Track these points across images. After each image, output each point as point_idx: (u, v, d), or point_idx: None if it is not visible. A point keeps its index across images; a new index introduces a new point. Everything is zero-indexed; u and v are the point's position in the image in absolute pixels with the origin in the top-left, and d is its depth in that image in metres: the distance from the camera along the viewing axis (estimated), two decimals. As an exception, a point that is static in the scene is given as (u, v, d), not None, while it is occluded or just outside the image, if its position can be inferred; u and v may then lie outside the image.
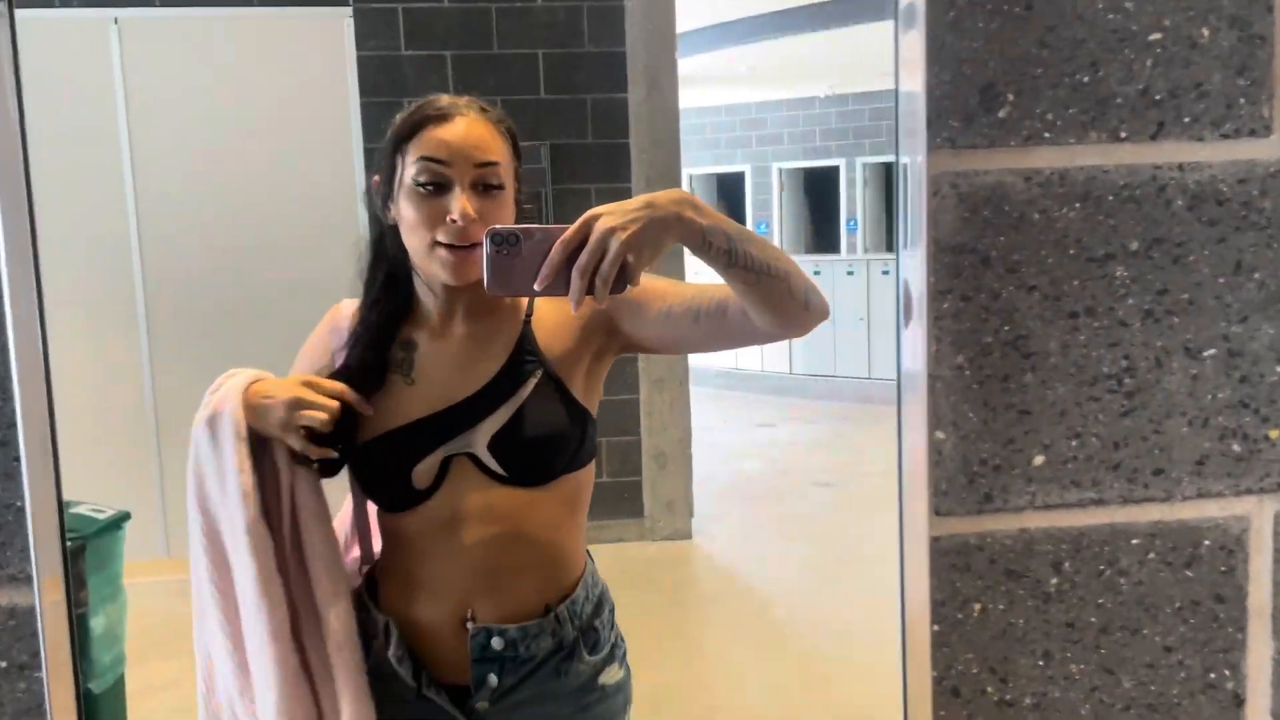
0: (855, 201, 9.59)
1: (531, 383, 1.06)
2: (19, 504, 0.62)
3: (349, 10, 4.24)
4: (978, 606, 0.70)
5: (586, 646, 1.11)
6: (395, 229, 1.06)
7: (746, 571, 4.65)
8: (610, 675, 1.13)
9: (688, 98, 5.44)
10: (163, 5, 4.05)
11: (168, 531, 3.77)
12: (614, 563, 4.33)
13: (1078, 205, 0.67)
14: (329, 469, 1.08)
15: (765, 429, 7.54)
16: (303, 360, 1.15)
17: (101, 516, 2.29)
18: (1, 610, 0.63)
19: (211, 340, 3.79)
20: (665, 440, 5.26)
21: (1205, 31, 0.67)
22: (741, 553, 4.88)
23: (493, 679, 1.07)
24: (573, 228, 0.85)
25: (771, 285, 0.93)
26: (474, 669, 1.07)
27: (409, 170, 1.02)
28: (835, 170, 9.69)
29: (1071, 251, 0.67)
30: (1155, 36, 0.66)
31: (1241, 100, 0.67)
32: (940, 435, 0.68)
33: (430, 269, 1.04)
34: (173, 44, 4.00)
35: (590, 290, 0.85)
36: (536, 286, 0.87)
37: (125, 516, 2.35)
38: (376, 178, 1.08)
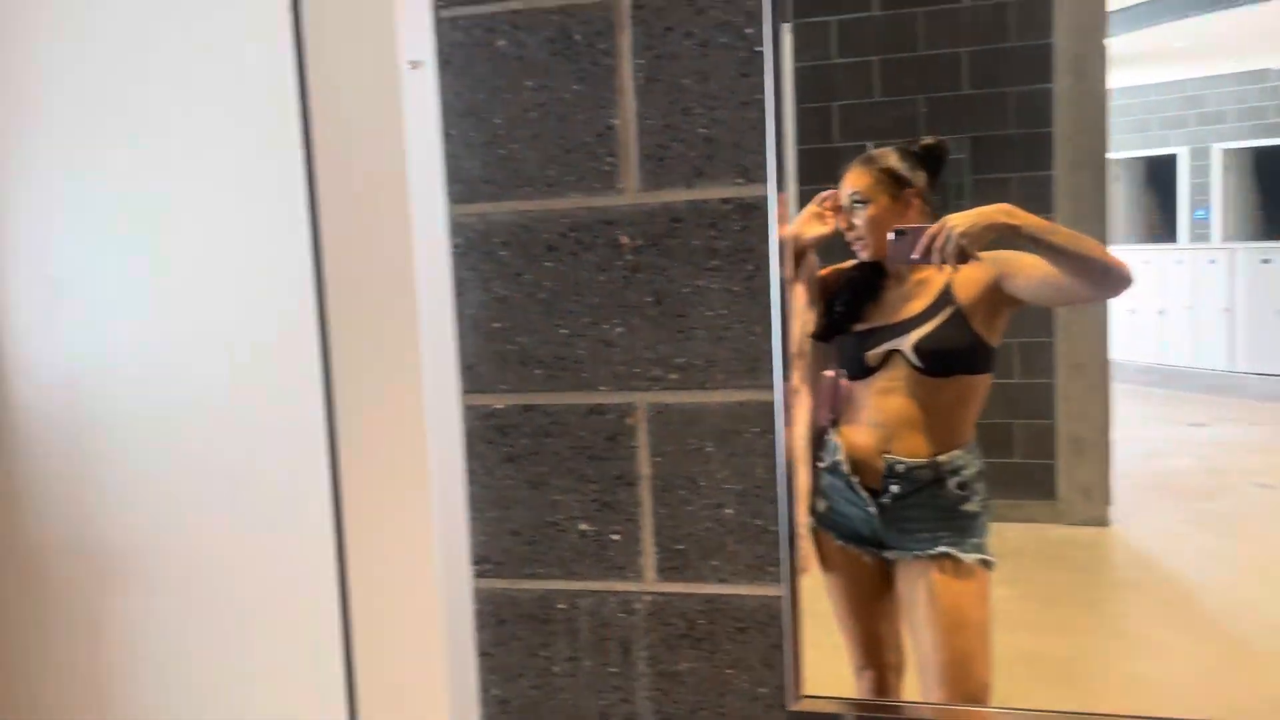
0: (1318, 182, 8.51)
1: (945, 314, 1.66)
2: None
3: (788, 25, 4.74)
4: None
5: (953, 485, 1.68)
6: None
7: (1169, 561, 4.49)
8: (969, 506, 1.67)
9: (1114, 78, 5.31)
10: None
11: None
12: (1024, 540, 4.40)
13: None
14: (826, 334, 1.72)
15: (1196, 428, 7.00)
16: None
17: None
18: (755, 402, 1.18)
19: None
20: (1083, 426, 5.20)
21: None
22: (1163, 544, 4.70)
23: (894, 488, 1.69)
24: (934, 226, 1.45)
25: (1072, 261, 1.49)
26: (883, 480, 1.70)
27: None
28: (1291, 148, 8.67)
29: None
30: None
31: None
32: None
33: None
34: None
35: (943, 262, 1.47)
36: (914, 257, 1.48)
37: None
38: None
